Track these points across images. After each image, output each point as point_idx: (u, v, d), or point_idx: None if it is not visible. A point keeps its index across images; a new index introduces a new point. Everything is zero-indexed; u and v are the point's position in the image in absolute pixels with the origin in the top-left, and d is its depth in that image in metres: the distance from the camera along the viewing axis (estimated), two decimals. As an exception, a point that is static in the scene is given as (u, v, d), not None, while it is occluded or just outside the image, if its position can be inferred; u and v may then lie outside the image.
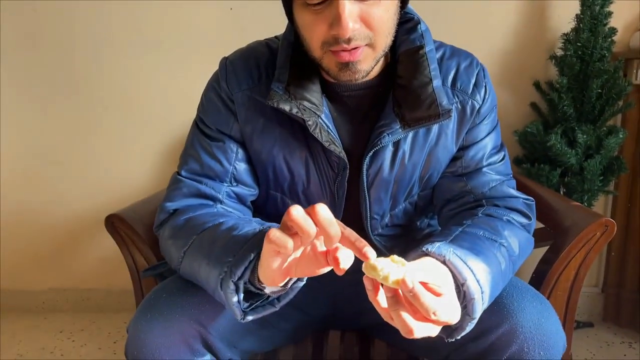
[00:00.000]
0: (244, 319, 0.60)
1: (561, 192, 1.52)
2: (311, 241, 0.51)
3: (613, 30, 1.44)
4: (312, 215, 0.48)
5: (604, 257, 1.72)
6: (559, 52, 1.52)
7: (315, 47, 0.67)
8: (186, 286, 0.70)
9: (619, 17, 1.50)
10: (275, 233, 0.50)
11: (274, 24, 1.12)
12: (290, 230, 0.50)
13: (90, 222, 1.74)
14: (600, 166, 1.45)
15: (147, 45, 1.58)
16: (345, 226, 0.51)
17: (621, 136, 1.44)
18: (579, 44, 1.43)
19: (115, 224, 0.91)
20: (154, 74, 1.61)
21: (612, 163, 1.49)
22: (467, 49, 0.84)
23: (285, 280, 0.57)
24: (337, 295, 0.88)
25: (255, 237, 0.60)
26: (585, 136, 1.42)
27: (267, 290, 0.60)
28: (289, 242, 0.50)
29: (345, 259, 0.48)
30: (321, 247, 0.51)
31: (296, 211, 0.48)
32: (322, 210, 0.48)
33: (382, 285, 0.52)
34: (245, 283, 0.59)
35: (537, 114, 1.59)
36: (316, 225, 0.49)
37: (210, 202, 0.76)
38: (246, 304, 0.60)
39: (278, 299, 0.62)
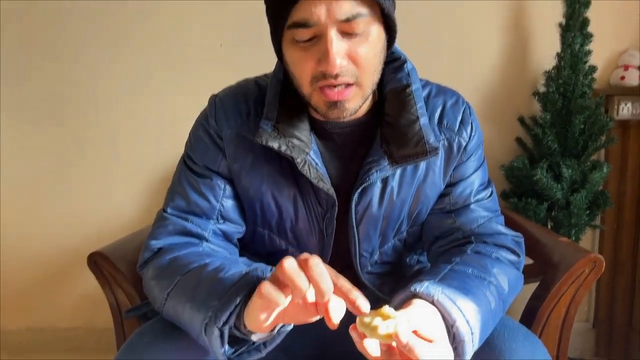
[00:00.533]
0: None
1: (549, 227, 1.53)
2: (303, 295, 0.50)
3: (593, 68, 1.48)
4: (305, 268, 0.48)
5: (593, 291, 1.72)
6: (542, 89, 1.56)
7: (304, 84, 0.67)
8: (169, 329, 0.67)
9: (599, 55, 1.55)
10: (267, 288, 0.49)
11: (263, 61, 1.14)
12: (282, 283, 0.49)
13: (72, 257, 1.69)
14: (586, 200, 1.46)
15: (137, 79, 1.59)
16: (338, 275, 0.51)
17: (605, 170, 1.47)
18: (560, 81, 1.48)
19: (98, 262, 0.88)
20: (142, 109, 1.62)
21: (598, 197, 1.51)
22: (452, 85, 0.85)
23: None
24: (323, 336, 0.85)
25: (241, 280, 0.59)
26: (570, 171, 1.44)
27: (254, 337, 0.58)
28: (281, 299, 0.49)
29: (337, 313, 0.48)
30: (312, 297, 0.50)
31: (289, 264, 0.47)
32: (316, 264, 0.48)
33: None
34: (230, 328, 0.57)
35: (523, 149, 1.62)
36: (309, 279, 0.48)
37: (196, 241, 0.74)
38: (231, 350, 0.58)
39: (264, 344, 0.61)
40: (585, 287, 0.92)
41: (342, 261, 0.81)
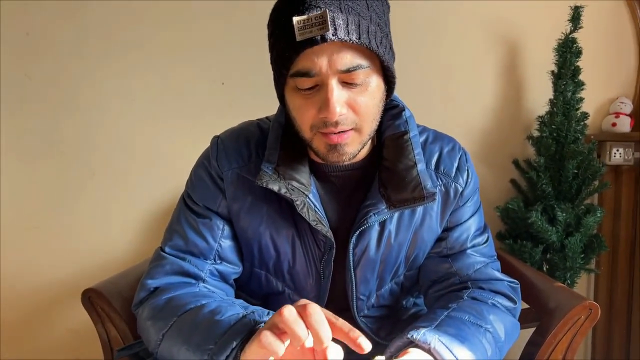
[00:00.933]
0: None
1: (544, 269, 1.53)
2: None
3: (585, 115, 1.52)
4: (303, 316, 0.48)
5: (589, 337, 1.70)
6: (536, 133, 1.60)
7: (305, 129, 0.69)
8: None
9: (590, 101, 1.59)
10: (267, 338, 0.49)
11: (264, 100, 1.17)
12: (281, 330, 0.49)
13: (62, 291, 1.66)
14: (580, 244, 1.47)
15: (139, 114, 1.61)
16: (337, 317, 0.51)
17: (599, 215, 1.48)
18: (553, 126, 1.51)
19: (92, 298, 0.87)
20: (143, 144, 1.62)
21: (592, 241, 1.52)
22: (449, 128, 0.87)
23: None
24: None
25: (238, 323, 0.59)
26: (564, 214, 1.46)
27: None
28: (281, 349, 0.49)
29: (335, 358, 0.48)
30: (309, 343, 0.50)
31: (288, 313, 0.48)
32: (315, 312, 0.48)
33: None
34: None
35: (517, 191, 1.63)
36: (307, 327, 0.48)
37: (193, 281, 0.74)
38: None
39: None
40: (581, 334, 0.92)
41: (338, 304, 0.80)
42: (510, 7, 1.63)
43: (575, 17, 1.48)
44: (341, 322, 0.51)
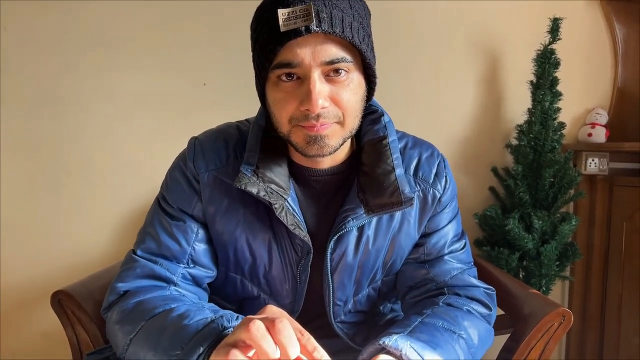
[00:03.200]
0: None
1: (520, 276, 1.55)
2: None
3: (562, 125, 1.56)
4: (272, 332, 0.47)
5: (563, 343, 1.73)
6: (514, 142, 1.62)
7: (283, 122, 0.68)
8: None
9: (567, 112, 1.63)
10: (235, 355, 0.48)
11: (245, 101, 1.16)
12: (247, 344, 0.49)
13: (34, 292, 1.62)
14: (555, 252, 1.50)
15: (118, 112, 1.58)
16: (304, 331, 0.50)
17: (574, 223, 1.51)
18: (531, 135, 1.54)
19: (62, 300, 0.85)
20: (121, 143, 1.60)
21: (567, 249, 1.55)
22: (429, 135, 0.88)
23: None
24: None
25: (205, 328, 0.57)
26: (540, 222, 1.48)
27: None
28: None
29: None
30: (277, 355, 0.49)
31: (256, 329, 0.47)
32: (283, 327, 0.47)
33: None
34: None
35: (496, 198, 1.66)
36: (275, 343, 0.47)
37: (164, 284, 0.73)
38: None
39: None
40: (554, 340, 0.93)
41: (315, 309, 0.80)
42: (492, 18, 1.66)
43: (554, 29, 1.51)
44: (306, 339, 0.50)
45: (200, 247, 0.77)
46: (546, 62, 1.52)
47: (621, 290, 1.58)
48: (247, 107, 1.00)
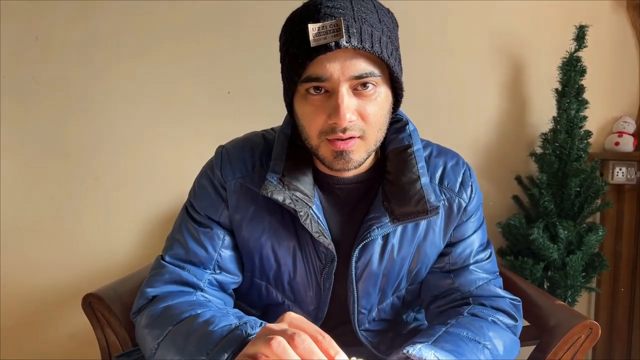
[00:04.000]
0: None
1: (545, 287, 1.53)
2: None
3: (588, 133, 1.53)
4: (292, 345, 0.47)
5: (590, 356, 1.69)
6: (539, 150, 1.60)
7: (313, 135, 0.69)
8: None
9: (594, 120, 1.60)
10: None
11: (269, 110, 1.18)
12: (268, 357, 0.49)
13: (63, 294, 1.66)
14: (582, 262, 1.47)
15: (145, 119, 1.62)
16: (324, 334, 0.50)
17: (601, 233, 1.48)
18: (556, 144, 1.51)
19: (92, 303, 0.87)
20: (148, 150, 1.63)
21: (594, 259, 1.52)
22: (452, 143, 0.88)
23: None
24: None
25: (230, 335, 0.58)
26: (566, 232, 1.45)
27: None
28: None
29: None
30: None
31: (277, 345, 0.47)
32: (302, 341, 0.48)
33: None
34: None
35: (519, 207, 1.63)
36: (298, 354, 0.48)
37: (191, 290, 0.74)
38: None
39: None
40: (581, 353, 0.91)
41: (338, 317, 0.80)
42: (517, 25, 1.64)
43: (580, 37, 1.49)
44: (327, 342, 0.50)
45: (227, 254, 0.78)
46: (572, 69, 1.50)
47: (650, 303, 1.54)
48: (269, 116, 1.02)
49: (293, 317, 0.53)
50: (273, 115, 0.92)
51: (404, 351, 0.61)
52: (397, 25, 0.72)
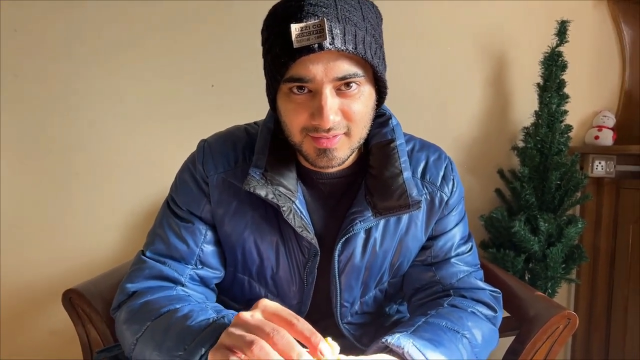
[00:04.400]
0: None
1: (526, 278, 1.55)
2: None
3: (569, 127, 1.55)
4: (273, 344, 0.48)
5: (569, 346, 1.73)
6: (520, 144, 1.62)
7: (295, 133, 0.69)
8: None
9: (574, 115, 1.63)
10: None
11: (253, 103, 1.17)
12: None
13: (44, 291, 1.64)
14: (561, 254, 1.50)
15: (126, 114, 1.59)
16: (298, 317, 0.51)
17: (580, 226, 1.51)
18: (538, 137, 1.53)
19: (73, 299, 0.86)
20: (129, 144, 1.61)
21: (573, 251, 1.55)
22: (434, 137, 0.88)
23: None
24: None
25: (207, 329, 0.58)
26: (546, 224, 1.48)
27: None
28: None
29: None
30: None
31: (259, 350, 0.47)
32: (281, 338, 0.48)
33: None
34: None
35: (502, 200, 1.66)
36: (278, 352, 0.48)
37: (171, 285, 0.74)
38: None
39: None
40: (559, 343, 0.93)
41: (321, 310, 0.81)
42: (499, 20, 1.66)
43: (562, 32, 1.51)
44: (301, 325, 0.50)
45: (208, 249, 0.78)
46: (553, 64, 1.52)
47: (627, 293, 1.58)
48: (255, 109, 1.01)
49: (267, 305, 0.53)
50: (257, 110, 0.92)
51: (383, 340, 0.62)
52: (381, 19, 0.72)
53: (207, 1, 1.57)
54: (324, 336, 0.51)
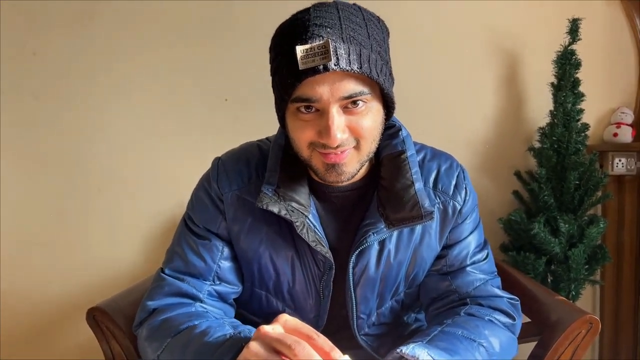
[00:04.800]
0: None
1: (548, 281, 1.53)
2: None
3: (586, 126, 1.52)
4: (294, 355, 0.49)
5: (597, 349, 1.69)
6: (537, 144, 1.60)
7: (303, 148, 0.70)
8: None
9: (591, 113, 1.60)
10: None
11: (266, 117, 1.18)
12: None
13: (68, 306, 1.68)
14: (584, 255, 1.47)
15: (143, 130, 1.63)
16: (318, 333, 0.52)
17: (602, 226, 1.48)
18: (554, 137, 1.51)
19: (97, 317, 0.89)
20: (148, 160, 1.64)
21: (596, 252, 1.52)
22: (448, 140, 0.88)
23: None
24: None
25: (225, 343, 0.59)
26: (567, 225, 1.45)
27: None
28: None
29: None
30: None
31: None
32: (303, 349, 0.49)
33: None
34: None
35: (520, 202, 1.64)
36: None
37: (190, 301, 0.75)
38: None
39: None
40: (583, 348, 0.91)
41: (338, 323, 0.81)
42: (509, 20, 1.64)
43: (573, 30, 1.49)
44: (322, 341, 0.51)
45: (226, 265, 0.79)
46: (567, 63, 1.50)
47: (655, 293, 1.54)
48: (268, 122, 1.02)
49: (287, 319, 0.54)
50: (272, 122, 0.93)
51: (398, 350, 0.62)
52: (387, 34, 0.72)
53: (220, 13, 1.59)
54: (343, 353, 0.52)
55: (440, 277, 0.83)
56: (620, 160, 1.61)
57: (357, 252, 0.76)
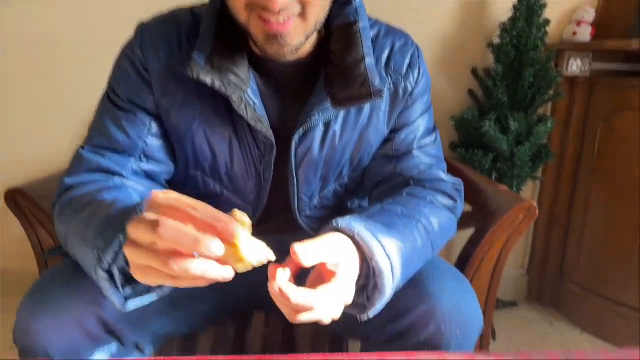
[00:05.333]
0: (124, 308, 0.53)
1: (493, 177, 1.57)
2: None
3: (547, 22, 1.48)
4: (158, 237, 0.42)
5: (530, 241, 1.81)
6: (496, 41, 1.55)
7: (239, 10, 0.62)
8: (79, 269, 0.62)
9: (554, 9, 1.55)
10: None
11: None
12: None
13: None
14: (529, 153, 1.51)
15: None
16: (197, 204, 0.44)
17: (550, 125, 1.50)
18: (514, 33, 1.47)
19: (17, 199, 0.82)
20: (77, 39, 1.48)
21: (541, 151, 1.56)
22: (406, 31, 0.81)
23: None
24: (254, 276, 0.84)
25: (127, 214, 0.51)
26: (517, 123, 1.47)
27: None
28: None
29: (216, 249, 0.42)
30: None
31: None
32: (166, 229, 0.42)
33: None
34: (124, 268, 0.52)
35: (474, 101, 1.62)
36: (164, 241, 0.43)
37: (108, 177, 0.68)
38: (130, 290, 0.54)
39: None
40: (518, 233, 0.95)
41: (279, 205, 0.79)
42: None
43: None
44: (202, 212, 0.43)
45: (154, 142, 0.72)
46: (534, -48, 1.41)
47: (590, 192, 1.62)
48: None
49: (160, 199, 0.45)
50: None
51: (334, 223, 0.60)
52: None
53: None
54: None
55: (385, 160, 0.80)
56: (575, 61, 1.59)
57: (301, 133, 0.71)
